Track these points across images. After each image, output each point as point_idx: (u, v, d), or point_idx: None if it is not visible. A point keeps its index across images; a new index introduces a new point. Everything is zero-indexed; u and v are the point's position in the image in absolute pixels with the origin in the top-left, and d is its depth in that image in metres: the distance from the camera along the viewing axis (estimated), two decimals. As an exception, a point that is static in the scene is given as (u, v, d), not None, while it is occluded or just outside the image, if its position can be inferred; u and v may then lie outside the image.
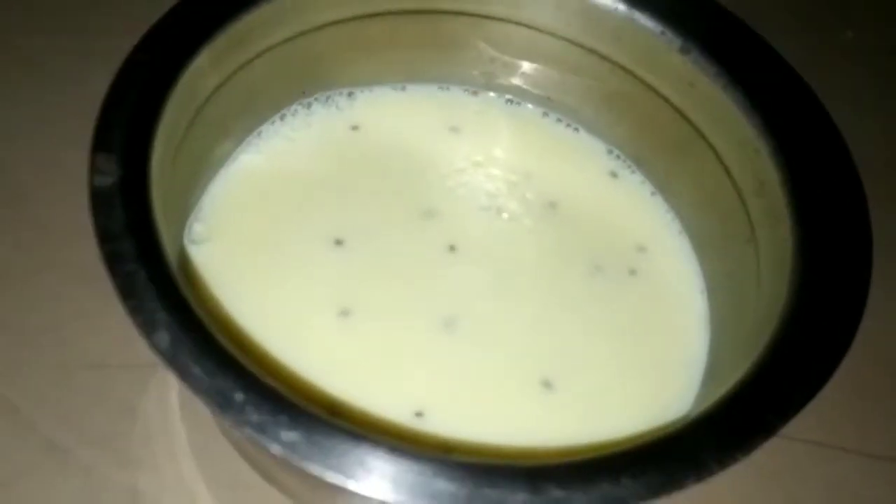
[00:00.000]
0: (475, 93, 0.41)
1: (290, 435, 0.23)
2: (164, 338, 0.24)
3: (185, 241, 0.34)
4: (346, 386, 0.32)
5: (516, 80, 0.40)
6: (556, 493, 0.23)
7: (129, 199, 0.27)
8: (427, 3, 0.36)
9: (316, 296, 0.34)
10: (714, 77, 0.34)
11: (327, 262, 0.35)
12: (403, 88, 0.40)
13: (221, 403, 0.23)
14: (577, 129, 0.41)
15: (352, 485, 0.23)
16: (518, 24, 0.37)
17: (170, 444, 0.36)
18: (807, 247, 0.30)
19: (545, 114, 0.41)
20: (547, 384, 0.34)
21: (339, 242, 0.36)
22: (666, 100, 0.37)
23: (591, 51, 0.38)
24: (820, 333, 0.27)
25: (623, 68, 0.37)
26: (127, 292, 0.25)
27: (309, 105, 0.39)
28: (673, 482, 0.24)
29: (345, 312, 0.34)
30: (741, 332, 0.33)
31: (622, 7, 0.36)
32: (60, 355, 0.37)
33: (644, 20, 0.36)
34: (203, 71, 0.31)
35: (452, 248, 0.36)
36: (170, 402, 0.36)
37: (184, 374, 0.24)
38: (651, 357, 0.35)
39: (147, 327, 0.24)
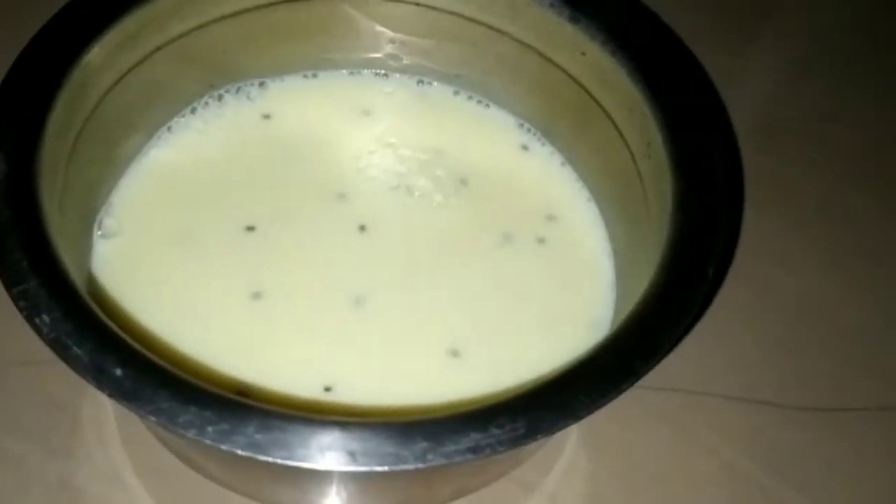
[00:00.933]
0: (385, 75, 0.42)
1: (167, 404, 0.24)
2: (45, 320, 0.25)
3: (96, 236, 0.35)
4: (257, 365, 0.33)
5: (422, 60, 0.41)
6: (423, 444, 0.24)
7: (14, 193, 0.28)
8: (319, -11, 0.37)
9: (228, 281, 0.35)
10: (602, 45, 0.35)
11: (239, 248, 0.36)
12: (315, 75, 0.41)
13: (99, 378, 0.24)
14: (487, 105, 0.42)
15: (228, 447, 0.24)
16: (414, 4, 0.38)
17: (99, 434, 0.37)
18: (684, 202, 0.31)
19: (456, 92, 0.42)
20: (454, 353, 0.34)
21: (250, 228, 0.37)
22: (563, 70, 0.38)
23: (490, 27, 0.38)
24: (686, 285, 0.28)
25: (521, 42, 0.38)
26: (13, 280, 0.26)
27: (220, 97, 0.40)
28: (539, 429, 0.25)
29: (256, 295, 0.35)
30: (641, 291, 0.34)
31: (512, -19, 0.37)
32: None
33: (534, -7, 0.37)
34: (95, 68, 0.32)
35: (363, 228, 0.37)
36: (98, 395, 0.37)
37: (64, 353, 0.25)
38: (558, 320, 0.36)
39: (31, 311, 0.25)
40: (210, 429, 0.24)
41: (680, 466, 0.37)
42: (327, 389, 0.33)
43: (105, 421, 0.37)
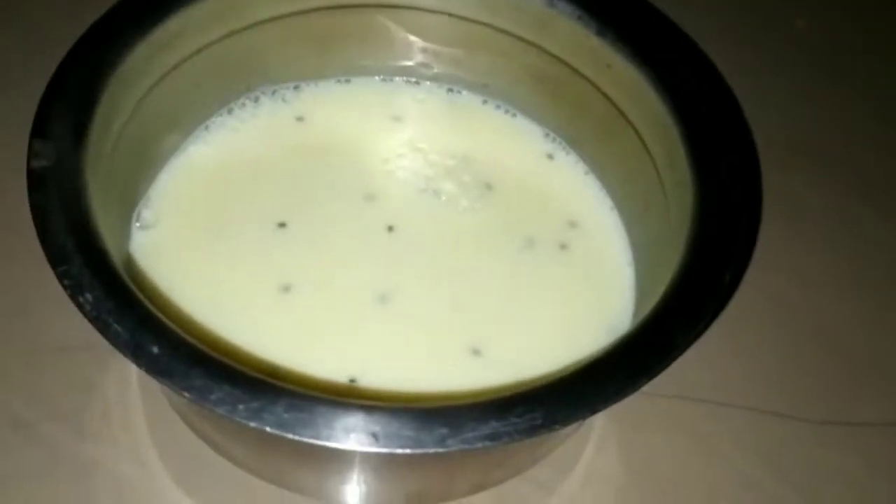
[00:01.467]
0: (417, 83, 0.43)
1: (200, 381, 0.25)
2: (88, 298, 0.26)
3: (134, 227, 0.36)
4: (285, 355, 0.34)
5: (452, 69, 0.42)
6: (443, 429, 0.25)
7: (62, 179, 0.29)
8: (355, -2, 0.39)
9: (259, 273, 0.36)
10: (628, 58, 0.36)
11: (271, 243, 0.37)
12: (348, 81, 0.43)
13: (138, 354, 0.26)
14: (514, 115, 0.43)
15: (257, 424, 0.25)
16: (447, 14, 0.40)
17: (127, 418, 0.38)
18: (704, 212, 0.32)
19: (484, 101, 0.43)
20: (475, 352, 0.35)
21: (282, 225, 0.38)
22: (589, 81, 0.39)
23: (519, 38, 0.40)
24: (702, 290, 0.29)
25: (549, 53, 0.39)
26: (57, 259, 0.27)
27: (256, 99, 0.41)
28: (556, 420, 0.26)
29: (286, 289, 0.36)
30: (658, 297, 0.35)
31: (542, -6, 0.38)
32: (28, 339, 0.39)
33: (563, 6, 0.38)
34: (139, 67, 0.34)
35: (391, 229, 0.39)
36: (128, 381, 0.38)
37: (105, 330, 0.26)
38: (577, 324, 0.37)
39: (74, 289, 0.27)
40: (241, 406, 0.25)
41: (696, 475, 0.38)
42: (352, 381, 0.34)
43: (132, 405, 0.38)
